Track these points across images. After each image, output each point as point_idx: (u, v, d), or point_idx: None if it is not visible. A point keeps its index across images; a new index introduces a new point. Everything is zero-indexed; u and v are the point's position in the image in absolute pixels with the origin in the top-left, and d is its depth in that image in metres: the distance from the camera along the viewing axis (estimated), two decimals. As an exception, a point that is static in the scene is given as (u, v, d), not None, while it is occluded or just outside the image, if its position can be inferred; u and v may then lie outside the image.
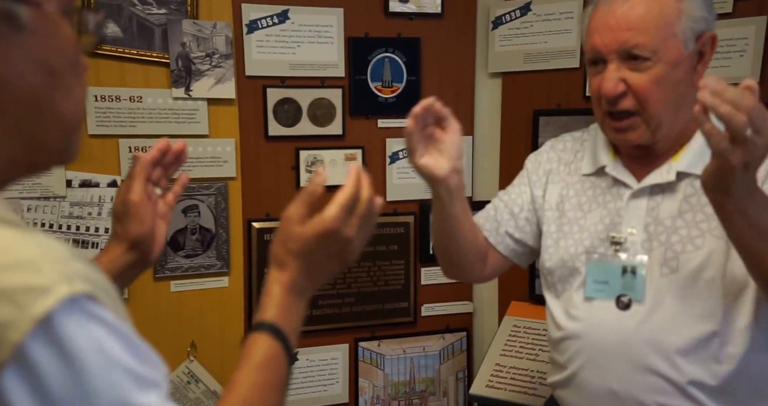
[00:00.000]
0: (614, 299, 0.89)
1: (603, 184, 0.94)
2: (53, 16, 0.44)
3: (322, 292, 1.67)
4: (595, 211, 0.94)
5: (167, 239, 1.53)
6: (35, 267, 0.37)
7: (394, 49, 1.65)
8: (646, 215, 0.89)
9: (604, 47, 0.86)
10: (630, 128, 0.88)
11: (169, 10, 1.50)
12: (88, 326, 0.37)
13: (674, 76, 0.85)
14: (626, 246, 0.89)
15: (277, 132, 1.60)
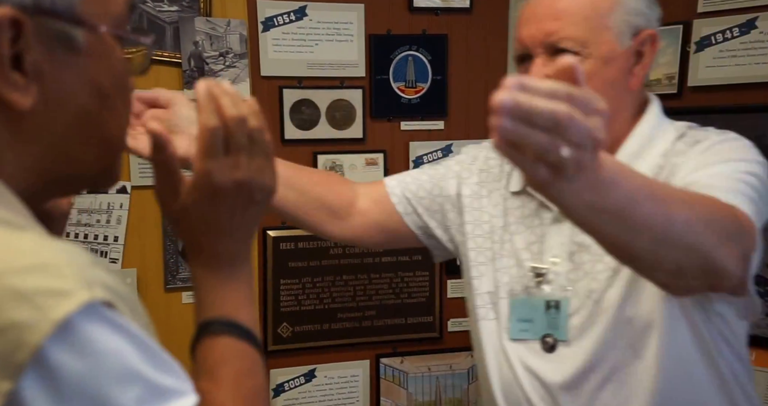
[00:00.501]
0: (539, 339, 0.79)
1: (531, 205, 0.84)
2: (107, 39, 0.45)
3: (341, 304, 1.57)
4: (522, 234, 0.83)
5: (180, 249, 1.51)
6: (56, 271, 0.37)
7: (418, 46, 1.54)
8: (570, 241, 0.78)
9: (529, 39, 0.76)
10: None
11: (181, 7, 1.42)
12: (107, 332, 0.37)
13: (606, 75, 0.74)
14: (549, 278, 0.79)
15: (293, 135, 1.51)
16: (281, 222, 1.54)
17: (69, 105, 0.44)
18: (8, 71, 0.41)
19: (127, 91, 0.49)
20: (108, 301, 0.38)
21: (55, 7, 0.42)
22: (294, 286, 1.55)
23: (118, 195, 1.44)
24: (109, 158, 0.48)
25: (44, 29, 0.42)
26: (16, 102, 0.42)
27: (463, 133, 1.59)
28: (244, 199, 0.51)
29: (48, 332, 0.35)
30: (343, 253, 1.57)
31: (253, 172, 0.50)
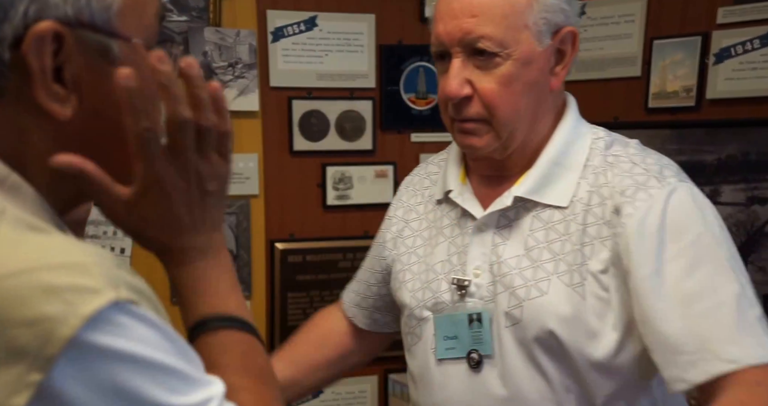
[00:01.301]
0: (465, 355, 0.74)
1: (453, 214, 0.79)
2: (141, 50, 0.46)
3: (349, 319, 1.53)
4: (441, 245, 0.79)
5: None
6: (85, 270, 0.38)
7: (430, 57, 1.50)
8: (492, 252, 0.75)
9: (446, 36, 0.71)
10: (476, 133, 0.73)
11: (191, 17, 1.40)
12: (135, 324, 0.39)
13: (526, 77, 0.71)
14: (471, 290, 0.75)
15: (302, 147, 1.48)
16: (289, 234, 1.51)
17: (106, 114, 0.45)
18: (50, 83, 0.42)
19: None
20: (133, 300, 0.39)
21: (94, 20, 0.43)
22: (302, 299, 1.52)
23: (125, 207, 1.42)
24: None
25: (83, 41, 0.43)
26: (57, 112, 0.43)
27: (474, 145, 1.55)
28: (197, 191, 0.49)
29: (77, 326, 0.36)
30: (351, 266, 1.53)
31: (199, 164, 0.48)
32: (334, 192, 1.51)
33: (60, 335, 0.36)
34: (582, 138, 0.75)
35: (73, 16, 0.42)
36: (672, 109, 1.39)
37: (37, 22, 0.41)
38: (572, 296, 0.69)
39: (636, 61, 1.43)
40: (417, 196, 0.86)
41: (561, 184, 0.73)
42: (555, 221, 0.72)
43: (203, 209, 0.50)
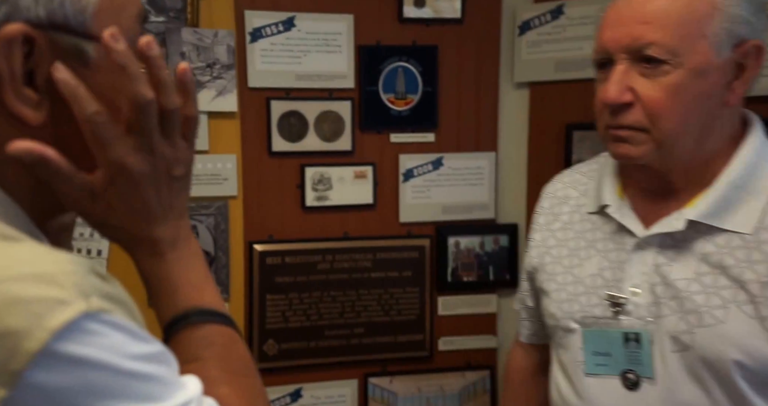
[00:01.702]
0: (619, 375, 0.72)
1: (606, 228, 0.77)
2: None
3: (329, 321, 1.51)
4: (593, 259, 0.77)
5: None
6: (54, 280, 0.37)
7: (408, 57, 1.50)
8: (654, 272, 0.72)
9: (611, 43, 0.70)
10: (632, 140, 0.70)
11: (168, 17, 1.40)
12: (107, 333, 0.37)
13: (697, 88, 0.67)
14: (628, 308, 0.73)
15: (281, 147, 1.47)
16: (268, 236, 1.49)
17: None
18: (21, 87, 0.41)
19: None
20: (105, 309, 0.38)
21: (68, 22, 0.42)
22: (280, 302, 1.49)
23: (101, 208, 1.41)
24: None
25: (57, 44, 0.42)
26: (29, 117, 0.42)
27: (453, 146, 1.54)
28: (164, 176, 0.48)
29: (45, 339, 0.35)
30: (331, 268, 1.51)
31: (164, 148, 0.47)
32: (313, 193, 1.49)
33: (25, 350, 0.34)
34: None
35: (46, 19, 0.41)
36: (652, 108, 1.38)
37: (6, 24, 0.40)
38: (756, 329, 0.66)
39: None
40: (562, 205, 0.84)
41: (744, 209, 0.69)
42: (734, 247, 0.68)
43: (170, 195, 0.49)
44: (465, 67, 1.53)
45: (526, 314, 0.93)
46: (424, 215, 1.53)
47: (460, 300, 1.56)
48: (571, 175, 0.88)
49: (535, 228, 0.88)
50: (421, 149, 1.53)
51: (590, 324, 0.75)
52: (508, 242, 1.55)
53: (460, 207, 1.54)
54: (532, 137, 1.54)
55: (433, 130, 1.53)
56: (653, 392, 0.70)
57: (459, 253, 1.55)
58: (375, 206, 1.52)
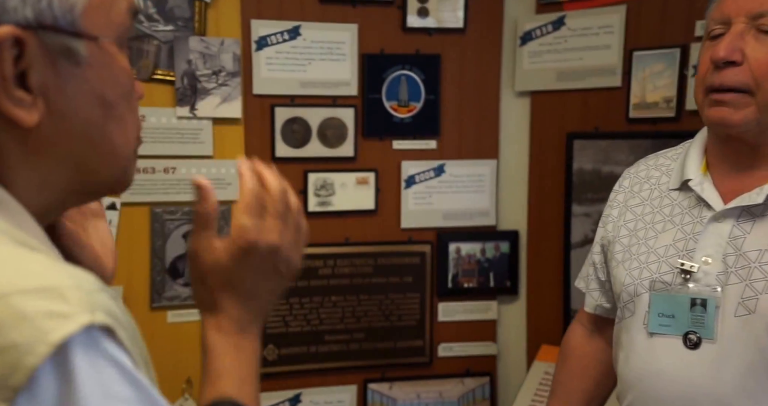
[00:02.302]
0: (682, 335, 0.76)
1: (684, 203, 0.81)
2: (109, 48, 0.45)
3: (329, 326, 1.50)
4: (669, 231, 0.80)
5: (167, 266, 1.46)
6: (60, 294, 0.36)
7: (411, 66, 1.51)
8: (728, 243, 0.75)
9: (734, 7, 0.73)
10: (734, 104, 0.72)
11: (176, 26, 1.42)
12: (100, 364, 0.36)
13: None
14: (697, 276, 0.76)
15: (284, 153, 1.48)
16: (270, 241, 1.49)
17: (75, 118, 0.44)
18: (13, 90, 0.41)
19: (133, 99, 0.48)
20: (108, 325, 0.37)
21: (57, 22, 0.42)
22: (281, 306, 1.49)
23: (107, 212, 1.41)
24: (120, 167, 0.47)
25: (47, 44, 0.42)
26: (23, 119, 0.41)
27: (455, 153, 1.55)
28: (270, 265, 0.52)
29: (45, 355, 0.35)
30: (332, 273, 1.51)
31: (285, 242, 0.52)
32: (316, 198, 1.50)
33: (26, 365, 0.34)
34: None
35: (34, 19, 0.41)
36: (653, 119, 1.38)
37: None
38: None
39: (616, 71, 1.43)
40: (643, 184, 0.87)
41: None
42: None
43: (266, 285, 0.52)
44: (467, 76, 1.54)
45: (596, 285, 0.94)
46: (425, 221, 1.53)
47: (460, 306, 1.56)
48: (656, 159, 0.90)
49: (612, 205, 0.90)
50: (423, 156, 1.53)
51: (659, 290, 0.78)
52: (509, 248, 1.55)
53: (461, 214, 1.54)
54: (533, 145, 1.55)
55: (435, 138, 1.53)
56: (712, 352, 0.74)
57: (460, 259, 1.55)
58: (377, 212, 1.52)
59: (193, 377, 1.43)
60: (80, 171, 0.45)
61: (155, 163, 1.43)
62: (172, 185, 1.45)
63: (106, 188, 0.49)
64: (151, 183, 1.43)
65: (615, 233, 0.87)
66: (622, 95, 1.41)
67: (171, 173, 1.45)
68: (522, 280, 1.57)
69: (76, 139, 0.44)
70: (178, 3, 1.42)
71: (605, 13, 1.44)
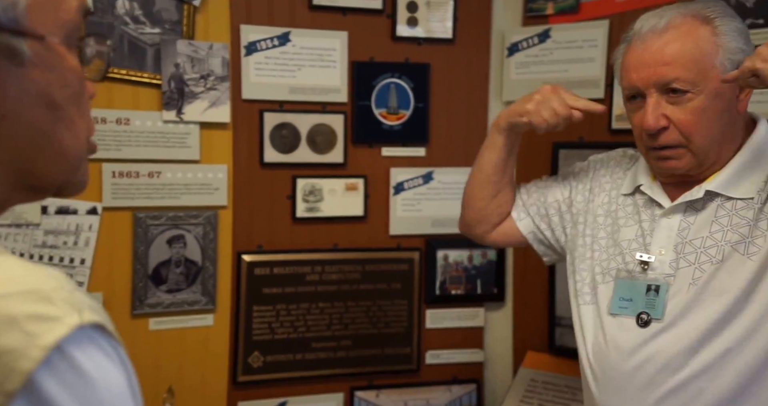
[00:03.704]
0: (635, 316, 0.86)
1: (640, 202, 0.92)
2: (56, 48, 0.41)
3: (316, 333, 1.45)
4: (631, 227, 0.92)
5: (150, 273, 1.40)
6: (44, 297, 0.35)
7: (401, 74, 1.48)
8: (677, 234, 0.86)
9: (641, 82, 0.83)
10: (675, 157, 0.85)
11: (164, 29, 1.36)
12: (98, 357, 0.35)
13: (716, 107, 0.82)
14: (654, 265, 0.87)
15: (273, 159, 1.43)
16: (257, 246, 1.44)
17: (19, 120, 0.40)
18: None
19: (83, 100, 0.45)
20: (99, 323, 0.36)
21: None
22: (267, 313, 1.44)
23: (87, 216, 1.34)
24: (68, 170, 0.44)
25: None
26: None
27: (444, 160, 1.52)
28: None
29: (39, 359, 0.33)
30: (319, 280, 1.47)
31: None
32: (304, 204, 1.45)
33: (20, 369, 0.33)
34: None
35: None
36: (634, 129, 1.39)
37: None
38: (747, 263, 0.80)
39: (599, 83, 1.42)
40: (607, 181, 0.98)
41: (750, 180, 0.83)
42: (738, 208, 0.83)
43: None
44: (456, 85, 1.51)
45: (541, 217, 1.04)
46: (414, 228, 1.49)
47: (447, 313, 1.51)
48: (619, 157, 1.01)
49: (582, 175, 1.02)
50: (412, 163, 1.50)
51: (623, 277, 0.89)
52: (496, 256, 1.52)
53: (449, 221, 1.50)
54: (520, 155, 1.51)
55: (424, 145, 1.50)
56: (658, 328, 0.84)
57: (447, 266, 1.51)
58: (365, 219, 1.48)
59: (175, 386, 1.36)
60: (25, 173, 0.42)
61: (139, 167, 1.37)
62: (156, 190, 1.39)
63: (51, 190, 0.46)
64: (134, 188, 1.37)
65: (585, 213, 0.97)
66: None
67: (156, 177, 1.38)
68: (508, 287, 1.54)
69: (21, 141, 0.41)
70: (165, 6, 1.37)
71: (589, 27, 1.44)
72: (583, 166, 1.05)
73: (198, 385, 1.37)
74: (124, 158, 1.35)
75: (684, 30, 0.81)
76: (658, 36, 0.82)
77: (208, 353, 1.39)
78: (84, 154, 0.46)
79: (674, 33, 0.81)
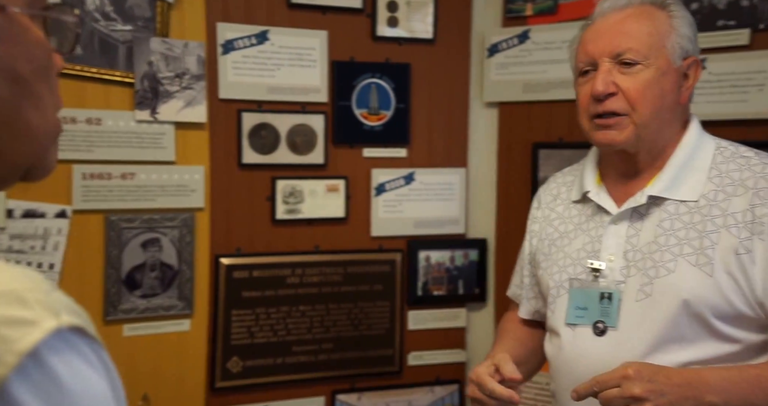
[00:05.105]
0: (591, 325, 0.85)
1: (588, 211, 0.91)
2: (19, 19, 0.38)
3: (297, 336, 1.40)
4: (579, 237, 0.90)
5: (123, 277, 1.33)
6: (18, 298, 0.32)
7: (381, 74, 1.44)
8: (626, 242, 0.85)
9: (596, 51, 0.84)
10: (617, 126, 0.83)
11: (136, 26, 1.29)
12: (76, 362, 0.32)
13: (663, 84, 0.82)
14: (605, 273, 0.85)
15: (252, 160, 1.36)
16: (236, 249, 1.38)
17: None
18: None
19: (51, 75, 0.41)
20: (78, 326, 0.33)
21: None
22: (247, 317, 1.37)
23: (56, 220, 1.26)
24: (36, 150, 0.40)
25: None
26: None
27: (425, 161, 1.47)
28: None
29: (12, 365, 0.30)
30: (300, 282, 1.41)
31: None
32: (284, 206, 1.40)
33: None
34: (707, 145, 0.85)
35: None
36: (612, 129, 1.37)
37: None
38: (698, 274, 0.78)
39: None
40: (555, 199, 0.96)
41: (689, 183, 0.82)
42: (681, 213, 0.81)
43: None
44: (437, 86, 1.46)
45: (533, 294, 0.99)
46: (395, 229, 1.43)
47: (429, 314, 1.46)
48: (563, 177, 0.99)
49: (534, 220, 0.99)
50: (393, 164, 1.45)
51: (575, 286, 0.87)
52: (478, 256, 1.48)
53: (431, 222, 1.46)
54: (501, 155, 1.49)
55: (405, 146, 1.44)
56: (615, 336, 0.82)
57: (429, 267, 1.47)
58: (347, 220, 1.43)
59: (150, 393, 1.29)
60: None
61: (111, 168, 1.29)
62: (130, 191, 1.31)
63: (18, 173, 0.41)
64: (106, 189, 1.29)
65: (539, 244, 0.95)
66: None
67: (129, 179, 1.31)
68: (490, 287, 1.50)
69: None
70: (137, 2, 1.29)
71: (568, 28, 1.41)
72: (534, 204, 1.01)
73: (174, 392, 1.30)
74: (95, 160, 1.27)
75: (642, 10, 0.84)
76: (618, 12, 0.84)
77: (185, 359, 1.32)
78: (53, 133, 0.42)
79: (633, 11, 0.84)
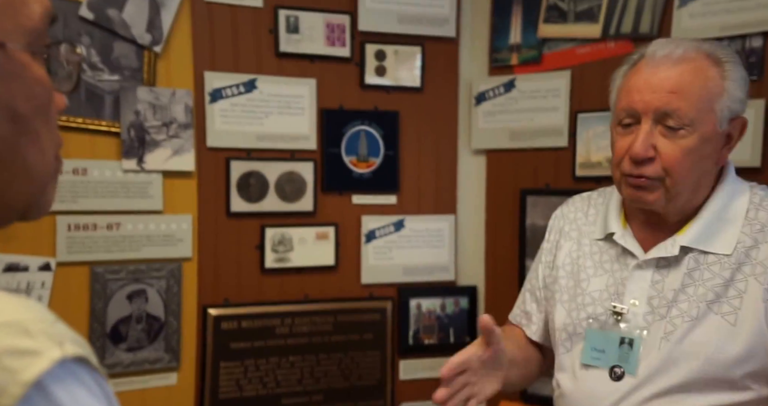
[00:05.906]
0: (608, 369, 0.82)
1: (612, 251, 0.87)
2: (19, 57, 0.38)
3: (287, 388, 1.35)
4: (601, 277, 0.87)
5: (108, 331, 1.28)
6: (23, 330, 0.31)
7: (370, 121, 1.43)
8: (651, 287, 0.82)
9: (642, 105, 0.78)
10: (649, 188, 0.80)
11: (123, 76, 1.26)
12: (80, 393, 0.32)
13: (703, 151, 0.78)
14: (627, 317, 0.83)
15: (240, 208, 1.33)
16: (223, 299, 1.34)
17: None
18: None
19: (50, 113, 0.40)
20: (82, 356, 0.33)
21: None
22: (235, 369, 1.33)
23: (39, 273, 1.21)
24: (34, 189, 0.40)
25: None
26: None
27: (415, 208, 1.45)
28: None
29: (18, 396, 0.30)
30: (290, 332, 1.37)
31: None
32: (273, 254, 1.37)
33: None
34: (741, 194, 0.82)
35: None
36: (597, 177, 1.36)
37: None
38: (723, 325, 0.76)
39: (563, 132, 1.38)
40: (572, 223, 0.92)
41: (723, 235, 0.79)
42: (710, 262, 0.79)
43: None
44: (425, 133, 1.45)
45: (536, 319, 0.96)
46: (385, 277, 1.39)
47: (421, 364, 1.42)
48: (582, 202, 0.95)
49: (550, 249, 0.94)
50: (383, 211, 1.43)
51: (594, 327, 0.84)
52: (468, 304, 1.45)
53: (421, 269, 1.43)
54: (489, 201, 1.48)
55: (395, 193, 1.42)
56: (631, 383, 0.80)
57: (420, 315, 1.43)
58: (336, 268, 1.39)
59: (135, 453, 1.24)
60: None
61: (97, 219, 1.25)
62: (116, 242, 1.27)
63: (16, 214, 0.40)
64: (91, 240, 1.25)
65: (555, 272, 0.92)
66: (569, 155, 1.37)
67: (115, 230, 1.27)
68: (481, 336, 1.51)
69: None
70: (124, 52, 1.27)
71: (552, 77, 1.43)
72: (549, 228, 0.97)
73: (159, 449, 1.25)
74: (80, 210, 1.23)
75: (697, 65, 0.76)
76: (672, 64, 0.76)
77: (171, 414, 1.27)
78: (51, 172, 0.41)
79: (687, 66, 0.76)
